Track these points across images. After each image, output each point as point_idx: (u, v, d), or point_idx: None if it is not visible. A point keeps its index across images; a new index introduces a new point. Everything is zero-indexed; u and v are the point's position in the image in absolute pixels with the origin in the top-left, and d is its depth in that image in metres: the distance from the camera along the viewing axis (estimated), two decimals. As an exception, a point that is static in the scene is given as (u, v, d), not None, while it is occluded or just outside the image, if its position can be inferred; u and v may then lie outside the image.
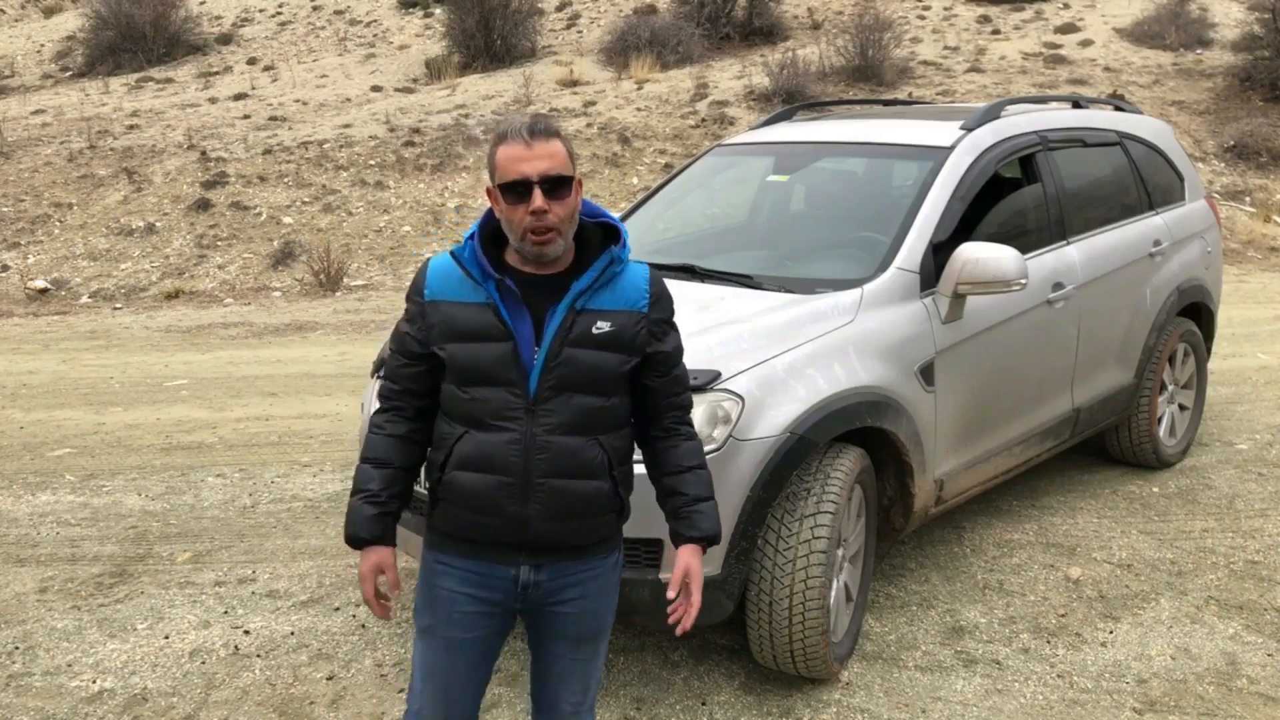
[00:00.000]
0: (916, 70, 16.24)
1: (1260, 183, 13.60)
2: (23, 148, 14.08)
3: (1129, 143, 5.19)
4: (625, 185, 12.78)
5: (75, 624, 3.94)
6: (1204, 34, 17.18)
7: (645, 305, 2.20)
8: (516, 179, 2.07)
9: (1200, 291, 5.37)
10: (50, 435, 6.29)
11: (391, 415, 2.26)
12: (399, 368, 2.24)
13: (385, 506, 2.23)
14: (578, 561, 2.24)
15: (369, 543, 2.23)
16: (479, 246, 2.16)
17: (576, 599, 2.25)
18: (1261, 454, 5.50)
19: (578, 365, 2.13)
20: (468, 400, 2.15)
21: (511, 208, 2.09)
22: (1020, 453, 4.32)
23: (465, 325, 2.14)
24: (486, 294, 2.14)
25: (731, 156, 5.08)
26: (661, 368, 2.24)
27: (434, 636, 2.26)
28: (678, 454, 2.30)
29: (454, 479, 2.17)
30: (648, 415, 2.28)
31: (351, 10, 22.01)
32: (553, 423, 2.12)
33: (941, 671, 3.52)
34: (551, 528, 2.16)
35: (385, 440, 2.25)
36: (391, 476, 2.24)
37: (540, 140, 2.08)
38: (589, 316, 2.14)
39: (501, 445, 2.12)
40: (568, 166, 2.10)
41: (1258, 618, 3.86)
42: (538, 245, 2.10)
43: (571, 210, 2.12)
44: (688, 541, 2.29)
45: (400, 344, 2.24)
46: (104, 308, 10.65)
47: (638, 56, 16.41)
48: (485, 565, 2.21)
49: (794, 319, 3.50)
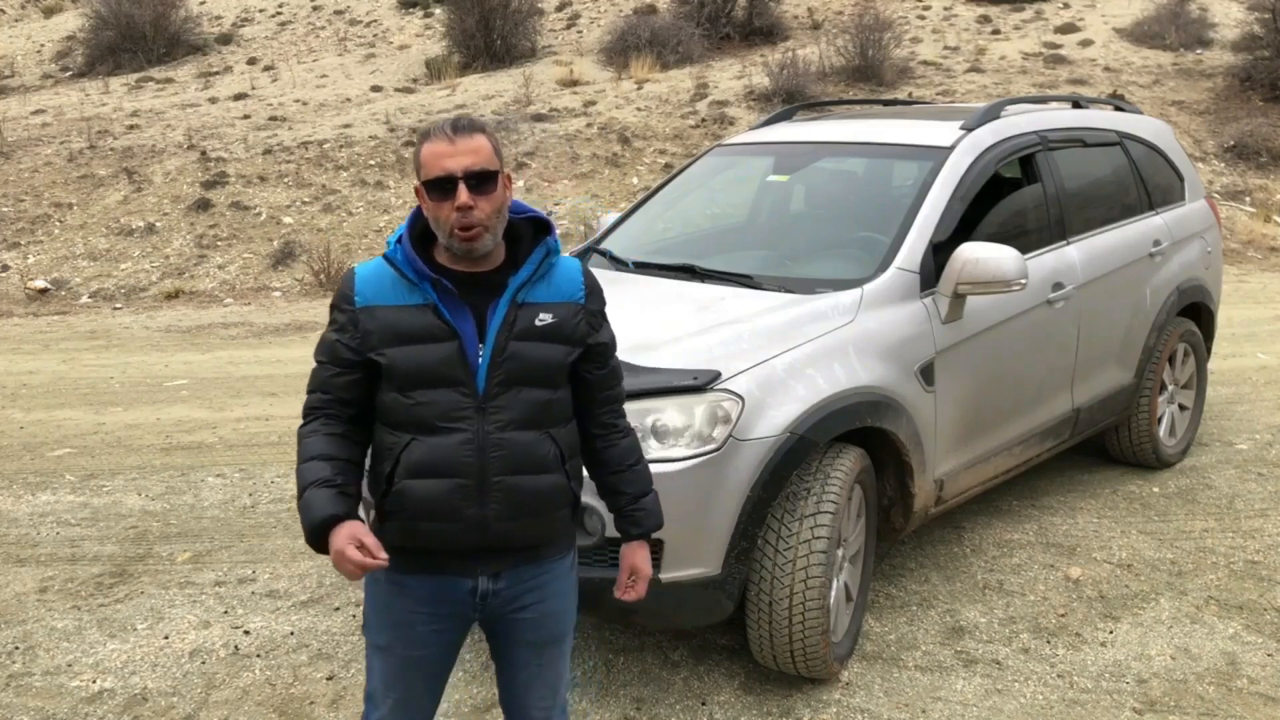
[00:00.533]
0: (916, 70, 16.24)
1: (1260, 183, 13.60)
2: (23, 148, 14.08)
3: (1129, 143, 5.19)
4: (625, 185, 12.78)
5: (75, 624, 3.94)
6: (1204, 34, 17.18)
7: (582, 296, 2.21)
8: (441, 175, 2.05)
9: (1200, 291, 5.37)
10: (50, 435, 6.29)
11: (323, 420, 2.17)
12: (331, 378, 2.16)
13: (342, 489, 2.11)
14: (535, 566, 2.23)
15: (336, 519, 2.06)
16: (410, 247, 2.12)
17: (536, 604, 2.24)
18: (1261, 454, 5.50)
19: (525, 359, 2.12)
20: (413, 405, 2.10)
21: (437, 205, 2.07)
22: (1020, 453, 4.32)
23: (406, 328, 2.09)
24: (424, 295, 2.10)
25: (731, 156, 5.08)
26: (600, 359, 2.26)
27: (392, 654, 2.23)
28: (617, 453, 2.32)
29: (406, 488, 2.11)
30: (584, 409, 2.28)
31: (351, 10, 22.01)
32: (504, 419, 2.11)
33: (941, 671, 3.52)
34: (510, 527, 2.14)
35: (323, 438, 2.15)
36: (341, 466, 2.13)
37: (464, 136, 2.07)
38: (530, 309, 2.14)
39: (454, 447, 2.09)
40: (493, 161, 2.08)
41: (1258, 618, 3.86)
42: (465, 241, 2.08)
43: (499, 205, 2.11)
44: (634, 539, 2.35)
45: (331, 353, 2.16)
46: (104, 308, 10.65)
47: (638, 56, 16.41)
48: (442, 579, 2.18)
49: (794, 319, 3.50)
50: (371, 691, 2.30)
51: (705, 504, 3.08)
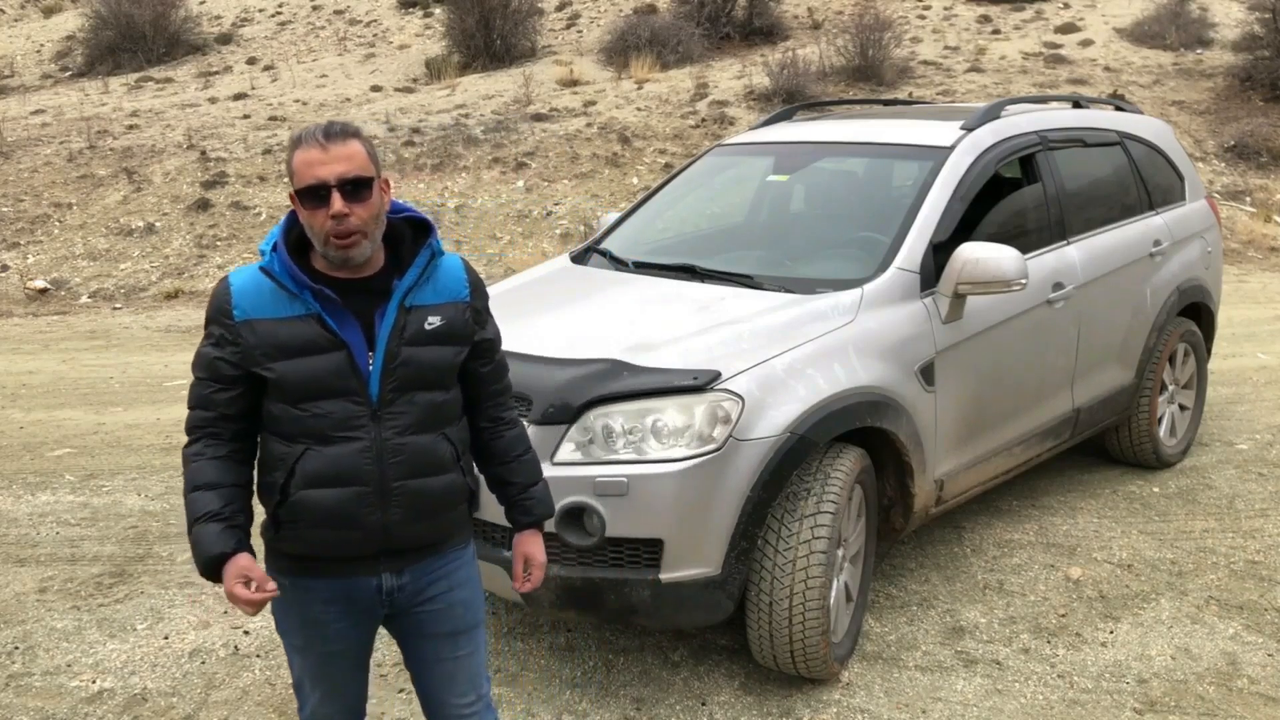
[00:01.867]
0: (916, 70, 16.24)
1: (1260, 183, 13.60)
2: (22, 148, 14.08)
3: (1129, 143, 5.19)
4: (625, 185, 12.77)
5: (75, 624, 3.94)
6: (1204, 34, 17.18)
7: (467, 294, 2.20)
8: (314, 183, 2.00)
9: (1200, 291, 5.37)
10: (50, 435, 6.29)
11: (207, 441, 2.11)
12: (212, 394, 2.09)
13: (232, 520, 2.07)
14: (438, 557, 2.23)
15: (226, 556, 2.03)
16: (287, 256, 2.05)
17: (444, 593, 2.24)
18: (1262, 454, 5.50)
19: (417, 363, 2.10)
20: (308, 417, 2.06)
21: (311, 213, 2.02)
22: (1020, 453, 4.32)
23: (290, 341, 2.04)
24: (305, 305, 2.04)
25: (731, 156, 5.07)
26: (487, 354, 2.27)
27: (310, 652, 2.24)
28: (504, 444, 2.34)
29: (303, 498, 2.07)
30: (473, 403, 2.29)
31: (351, 10, 22.01)
32: (400, 424, 2.09)
33: (941, 671, 3.52)
34: (412, 530, 2.14)
35: (209, 463, 2.10)
36: (229, 494, 2.09)
37: (337, 143, 2.01)
38: (419, 313, 2.12)
39: (353, 455, 2.06)
40: (368, 167, 2.04)
41: (1258, 618, 3.86)
42: (341, 249, 2.03)
43: (375, 212, 2.06)
44: (525, 528, 2.38)
45: (210, 370, 2.09)
46: (104, 308, 10.65)
47: (638, 56, 16.40)
48: (345, 581, 2.16)
49: (794, 319, 3.50)
50: (298, 683, 2.31)
51: (705, 504, 3.08)
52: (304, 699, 2.31)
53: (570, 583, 3.09)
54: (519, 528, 2.39)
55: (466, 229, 12.08)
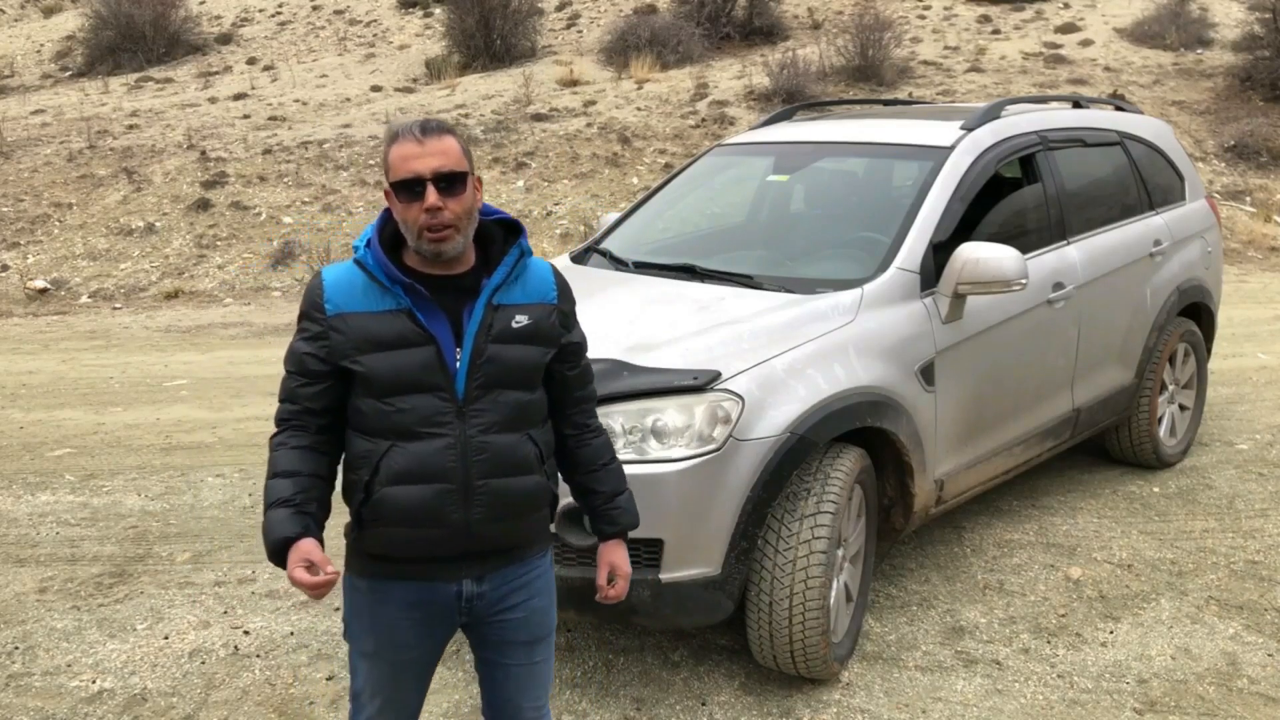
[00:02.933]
0: (916, 70, 16.24)
1: (1260, 183, 13.60)
2: (22, 148, 14.08)
3: (1129, 143, 5.19)
4: (625, 185, 12.77)
5: (75, 624, 3.94)
6: (1204, 34, 17.18)
7: (554, 297, 2.22)
8: (409, 177, 2.03)
9: (1200, 291, 5.37)
10: (50, 435, 6.29)
11: (291, 432, 2.14)
12: (298, 388, 2.13)
13: (302, 507, 2.08)
14: (519, 565, 2.22)
15: (290, 541, 2.04)
16: (381, 251, 2.09)
17: (524, 602, 2.24)
18: (1262, 454, 5.50)
19: (503, 361, 2.11)
20: (393, 412, 2.07)
21: (406, 206, 2.05)
22: (1020, 453, 4.32)
23: (381, 334, 2.06)
24: (396, 300, 2.07)
25: (731, 156, 5.07)
26: (573, 358, 2.27)
27: (379, 659, 2.22)
28: (589, 452, 2.33)
29: (387, 495, 2.08)
30: (557, 409, 2.29)
31: (351, 10, 22.01)
32: (485, 422, 2.09)
33: (941, 671, 3.52)
34: (495, 530, 2.13)
35: (290, 452, 2.12)
36: (304, 483, 2.10)
37: (432, 138, 2.05)
38: (506, 311, 2.13)
39: (437, 452, 2.06)
40: (461, 163, 2.06)
41: (1258, 618, 3.86)
42: (434, 243, 2.05)
43: (468, 207, 2.08)
44: (610, 538, 2.35)
45: (299, 364, 2.12)
46: (104, 308, 10.65)
47: (638, 56, 16.40)
48: (426, 585, 2.15)
49: (794, 319, 3.50)
50: (357, 692, 2.28)
51: (705, 504, 3.08)
52: (359, 707, 2.27)
53: (570, 583, 3.09)
54: (604, 538, 2.36)
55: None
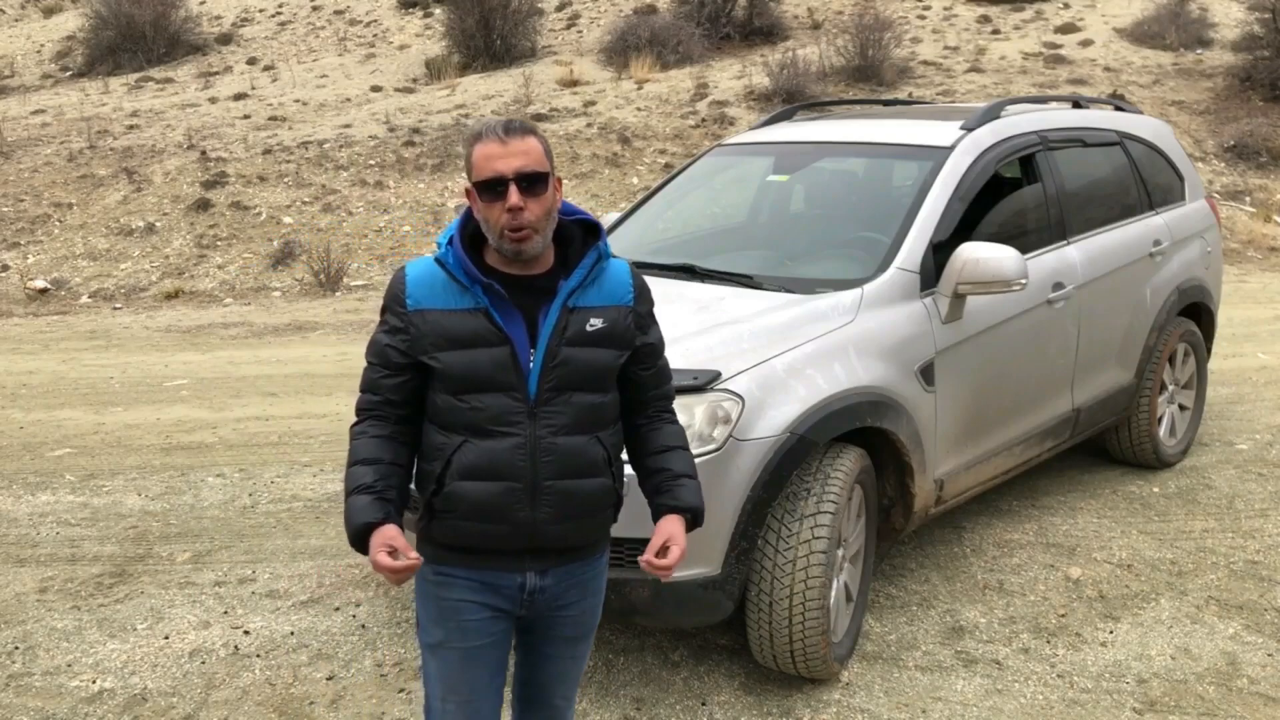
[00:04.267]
0: (916, 70, 16.24)
1: (1260, 183, 13.60)
2: (23, 148, 14.08)
3: (1129, 143, 5.19)
4: (625, 185, 12.77)
5: (75, 624, 3.94)
6: (1204, 34, 17.19)
7: (631, 299, 2.22)
8: (492, 176, 2.05)
9: (1200, 291, 5.37)
10: (50, 435, 6.29)
11: (372, 422, 2.18)
12: (380, 379, 2.17)
13: (383, 494, 2.12)
14: (581, 563, 2.24)
15: (372, 526, 2.07)
16: (461, 250, 2.12)
17: (578, 600, 2.26)
18: (1261, 454, 5.50)
19: (576, 364, 2.12)
20: (466, 409, 2.10)
21: (489, 205, 2.07)
22: (1020, 453, 4.32)
23: (457, 332, 2.09)
24: (475, 299, 2.10)
25: (731, 156, 5.07)
26: (649, 360, 2.27)
27: (448, 650, 2.21)
28: (661, 435, 2.30)
29: (457, 489, 2.11)
30: (633, 408, 2.29)
31: (351, 10, 22.01)
32: (556, 424, 2.11)
33: (941, 671, 3.52)
34: (560, 529, 2.15)
35: (370, 441, 2.16)
36: (384, 470, 2.14)
37: (516, 138, 2.07)
38: (581, 314, 2.14)
39: (507, 451, 2.09)
40: (543, 163, 2.08)
41: (1258, 618, 3.86)
42: (516, 243, 2.07)
43: (549, 208, 2.10)
44: (670, 511, 2.23)
45: (381, 356, 2.16)
46: (104, 308, 10.65)
47: (638, 56, 16.41)
48: (491, 574, 2.18)
49: (794, 319, 3.50)
50: (430, 702, 2.26)
51: (705, 504, 3.07)
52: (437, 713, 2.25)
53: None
54: (663, 511, 2.24)
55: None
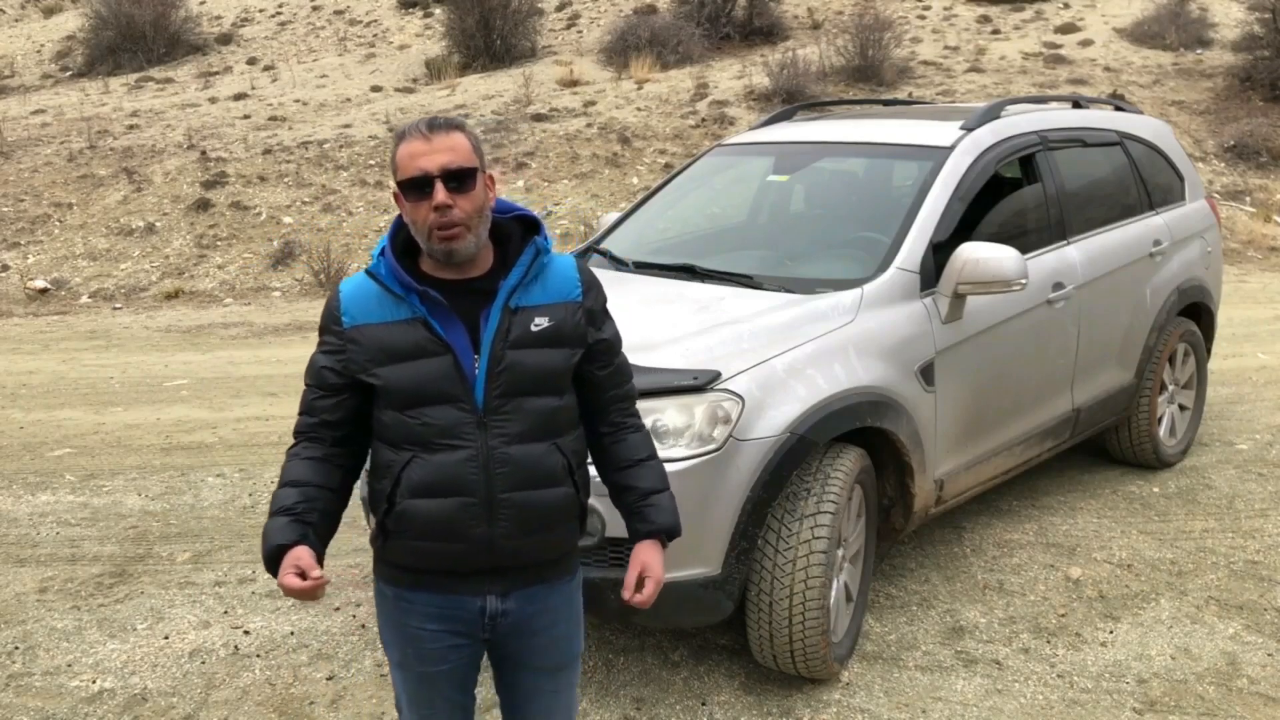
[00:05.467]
0: (916, 70, 16.24)
1: (1260, 183, 13.60)
2: (23, 148, 14.08)
3: (1129, 143, 5.19)
4: (625, 185, 12.77)
5: (75, 624, 3.94)
6: (1204, 34, 17.18)
7: (579, 294, 2.11)
8: (417, 175, 1.96)
9: (1200, 291, 5.37)
10: (50, 435, 6.29)
11: (306, 444, 2.11)
12: (315, 400, 2.09)
13: (302, 517, 2.03)
14: (544, 585, 2.14)
15: (285, 549, 1.99)
16: (394, 259, 2.02)
17: (548, 627, 2.16)
18: (1261, 454, 5.50)
19: (523, 367, 2.02)
20: (416, 424, 2.01)
21: (415, 206, 1.98)
22: (1020, 453, 4.32)
23: (397, 345, 2.00)
24: (411, 308, 2.01)
25: (731, 156, 5.07)
26: (604, 357, 2.16)
27: (408, 670, 2.17)
28: (625, 448, 2.20)
29: (409, 507, 2.02)
30: (593, 409, 2.19)
31: (351, 10, 22.01)
32: (508, 432, 2.02)
33: (941, 671, 3.52)
34: (518, 545, 2.05)
35: (300, 463, 2.09)
36: (309, 493, 2.06)
37: (440, 134, 1.98)
38: (525, 314, 2.04)
39: (457, 464, 2.00)
40: (471, 159, 1.99)
41: (1258, 618, 3.86)
42: (445, 243, 1.98)
43: (479, 205, 2.01)
44: (645, 537, 2.19)
45: (317, 378, 2.08)
46: (104, 308, 10.65)
47: (638, 56, 16.41)
48: (449, 598, 2.09)
49: (794, 319, 3.50)
50: (397, 702, 2.26)
51: (705, 504, 3.08)
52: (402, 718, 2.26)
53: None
54: (637, 537, 2.20)
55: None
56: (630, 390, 2.25)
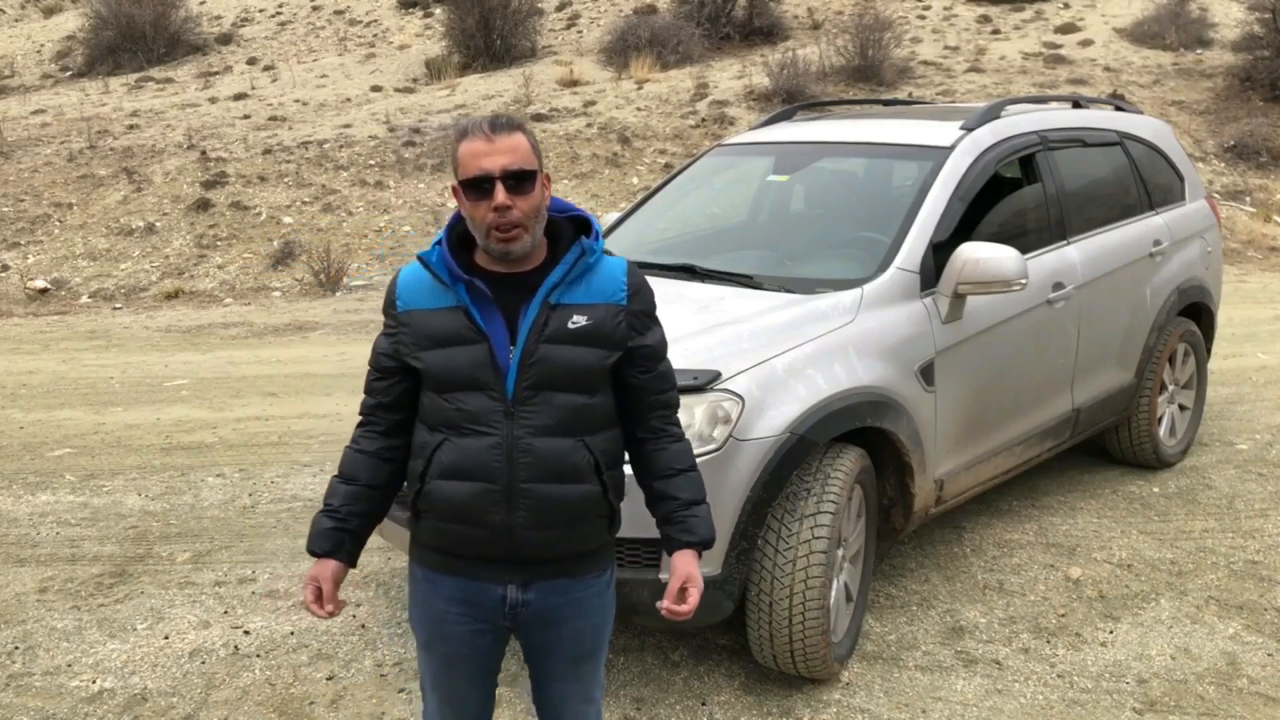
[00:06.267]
0: (916, 70, 16.25)
1: (1260, 183, 13.60)
2: (23, 148, 14.08)
3: (1129, 143, 5.19)
4: (625, 185, 12.77)
5: (75, 624, 3.94)
6: (1204, 34, 17.19)
7: (623, 298, 2.13)
8: (478, 175, 2.01)
9: (1200, 291, 5.37)
10: (50, 435, 6.29)
11: (366, 430, 2.22)
12: (372, 381, 2.20)
13: (344, 523, 2.17)
14: (571, 580, 2.16)
15: (319, 556, 2.17)
16: (448, 249, 2.10)
17: (573, 619, 2.18)
18: (1261, 454, 5.50)
19: (555, 362, 2.05)
20: (450, 408, 2.08)
21: (474, 205, 2.04)
22: (1020, 453, 4.32)
23: (438, 331, 2.08)
24: (457, 297, 2.07)
25: (731, 156, 5.07)
26: (645, 363, 2.17)
27: (433, 651, 2.23)
28: (666, 456, 2.21)
29: (435, 488, 2.09)
30: (632, 415, 2.20)
31: (351, 10, 22.02)
32: (534, 425, 2.05)
33: (941, 671, 3.52)
34: (537, 536, 2.08)
35: (355, 456, 2.21)
36: (355, 494, 2.18)
37: (502, 135, 2.03)
38: (564, 311, 2.07)
39: (483, 450, 2.05)
40: (531, 160, 2.04)
41: (1258, 618, 3.86)
42: (502, 242, 2.04)
43: (536, 206, 2.06)
44: (683, 547, 2.19)
45: (374, 359, 2.19)
46: (104, 308, 10.65)
47: (638, 56, 16.41)
48: (472, 584, 2.14)
49: (794, 319, 3.50)
50: (421, 682, 2.32)
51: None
52: (425, 700, 2.32)
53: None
54: (675, 547, 2.19)
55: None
56: (671, 399, 2.24)
